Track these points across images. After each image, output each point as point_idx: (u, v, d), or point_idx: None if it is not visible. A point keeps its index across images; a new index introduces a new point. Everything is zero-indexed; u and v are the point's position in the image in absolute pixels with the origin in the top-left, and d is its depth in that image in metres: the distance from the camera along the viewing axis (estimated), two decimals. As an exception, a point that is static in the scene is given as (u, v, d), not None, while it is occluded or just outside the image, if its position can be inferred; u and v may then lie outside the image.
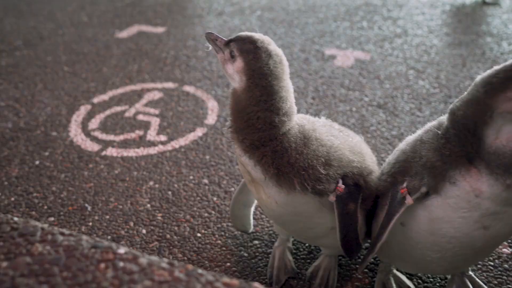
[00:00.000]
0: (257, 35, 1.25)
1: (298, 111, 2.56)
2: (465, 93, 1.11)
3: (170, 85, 2.85)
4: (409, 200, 1.13)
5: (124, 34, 3.68)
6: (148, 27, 3.82)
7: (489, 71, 1.05)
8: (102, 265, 0.78)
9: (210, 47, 1.32)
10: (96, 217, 1.82)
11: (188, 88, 2.79)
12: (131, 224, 1.79)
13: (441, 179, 1.07)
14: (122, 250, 0.82)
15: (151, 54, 3.29)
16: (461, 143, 1.05)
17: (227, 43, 1.27)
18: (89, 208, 1.87)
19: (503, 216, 1.05)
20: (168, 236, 1.73)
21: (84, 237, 0.86)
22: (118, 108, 2.60)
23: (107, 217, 1.82)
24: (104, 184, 2.01)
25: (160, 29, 3.76)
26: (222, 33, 3.65)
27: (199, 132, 2.35)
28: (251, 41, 1.23)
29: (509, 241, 1.68)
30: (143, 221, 1.80)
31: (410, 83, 2.81)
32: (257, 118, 1.21)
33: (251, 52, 1.22)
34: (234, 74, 1.25)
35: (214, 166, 2.09)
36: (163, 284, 0.74)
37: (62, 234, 0.86)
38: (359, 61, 3.12)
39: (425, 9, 4.11)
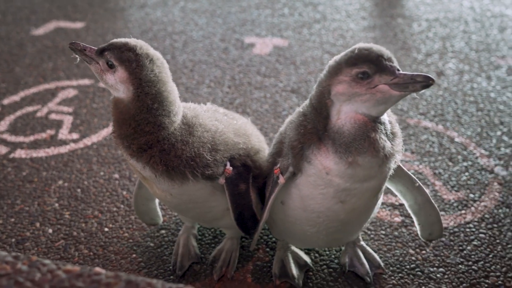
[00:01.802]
0: (132, 41, 1.21)
1: (214, 101, 2.61)
2: None
3: (85, 82, 2.80)
4: (281, 179, 1.20)
5: (40, 31, 3.56)
6: (66, 23, 3.71)
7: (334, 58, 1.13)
8: None
9: (78, 58, 1.26)
10: (1, 221, 1.79)
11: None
12: (37, 224, 1.77)
13: (300, 159, 1.14)
14: (-30, 250, 0.83)
15: (68, 51, 3.20)
16: (313, 121, 1.13)
17: (100, 52, 1.21)
18: (-7, 212, 1.83)
19: (355, 192, 1.14)
20: (75, 233, 1.73)
21: None
22: (29, 109, 2.54)
23: (12, 219, 1.79)
24: (10, 186, 1.97)
25: (79, 24, 3.67)
26: (144, 26, 3.61)
27: (113, 127, 2.34)
28: (128, 49, 1.19)
29: (400, 210, 1.80)
30: (49, 220, 1.79)
31: (324, 67, 2.90)
32: (147, 123, 1.20)
33: (133, 61, 1.18)
34: (117, 84, 1.20)
35: (125, 161, 2.09)
36: (3, 277, 0.76)
37: None
38: (277, 48, 3.19)
39: (344, -6, 4.24)
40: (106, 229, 1.74)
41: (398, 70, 1.05)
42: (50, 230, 1.75)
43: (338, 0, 4.10)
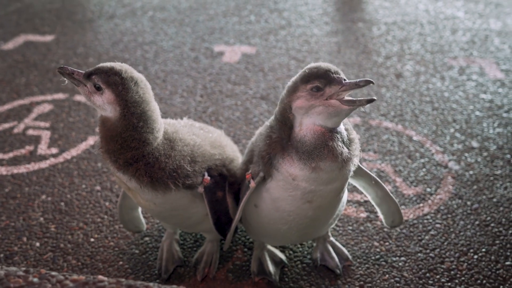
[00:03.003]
0: (118, 66, 1.32)
1: (187, 110, 2.72)
2: None
3: (60, 96, 2.86)
4: (252, 184, 1.35)
5: (9, 45, 3.58)
6: (35, 36, 3.74)
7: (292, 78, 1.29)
8: (-37, 283, 0.89)
9: (67, 81, 1.35)
10: (-12, 237, 1.86)
11: (79, 98, 2.83)
12: (24, 239, 1.85)
13: (269, 167, 1.29)
14: (-18, 267, 0.93)
15: (39, 65, 3.25)
16: (278, 131, 1.29)
17: (88, 76, 1.31)
18: (-20, 229, 1.90)
19: (320, 193, 1.30)
20: (62, 245, 1.82)
21: None
22: (6, 125, 2.59)
23: (-1, 235, 1.87)
24: (-6, 203, 2.03)
25: (48, 37, 3.70)
26: (114, 37, 3.68)
27: (91, 140, 2.43)
28: (115, 73, 1.29)
29: (365, 206, 1.97)
30: (36, 234, 1.87)
31: (291, 73, 3.06)
32: (133, 139, 1.32)
33: (119, 84, 1.29)
34: (105, 105, 1.31)
35: (106, 173, 2.19)
36: (18, 290, 0.86)
37: None
38: (245, 56, 3.33)
39: None
40: (92, 240, 1.84)
41: (345, 80, 1.21)
42: (38, 244, 1.83)
43: (302, 6, 4.27)
